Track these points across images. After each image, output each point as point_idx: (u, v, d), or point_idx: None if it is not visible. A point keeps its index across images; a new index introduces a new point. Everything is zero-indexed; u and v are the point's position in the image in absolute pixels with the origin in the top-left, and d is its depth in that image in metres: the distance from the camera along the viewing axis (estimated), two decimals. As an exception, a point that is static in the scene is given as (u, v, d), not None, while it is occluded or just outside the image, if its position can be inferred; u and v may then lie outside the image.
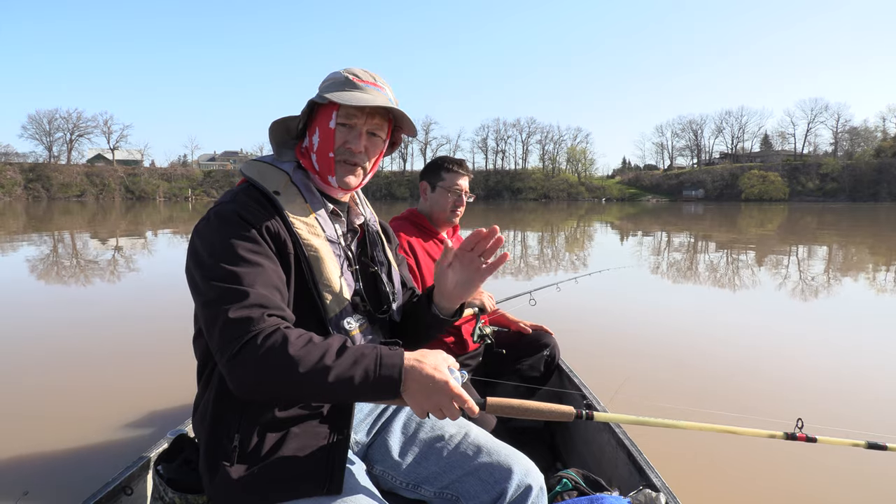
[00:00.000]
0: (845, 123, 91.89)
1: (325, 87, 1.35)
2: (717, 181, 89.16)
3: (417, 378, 1.13)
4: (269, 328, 1.10)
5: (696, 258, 13.17)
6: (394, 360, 1.13)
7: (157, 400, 3.74)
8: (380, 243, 1.52)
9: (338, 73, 1.37)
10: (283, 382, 1.08)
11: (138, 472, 1.74)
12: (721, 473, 2.95)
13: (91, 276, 9.65)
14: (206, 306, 1.14)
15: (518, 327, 2.80)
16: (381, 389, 1.12)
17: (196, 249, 1.21)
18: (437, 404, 1.14)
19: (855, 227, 25.42)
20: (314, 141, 1.35)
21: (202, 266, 1.17)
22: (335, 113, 1.32)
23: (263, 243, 1.20)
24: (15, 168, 78.99)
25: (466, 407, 1.16)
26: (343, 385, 1.09)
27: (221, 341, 1.10)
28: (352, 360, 1.10)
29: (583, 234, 21.41)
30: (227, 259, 1.15)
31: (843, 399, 3.99)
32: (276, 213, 1.26)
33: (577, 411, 1.29)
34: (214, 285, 1.13)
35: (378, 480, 1.45)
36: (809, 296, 8.17)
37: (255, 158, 1.39)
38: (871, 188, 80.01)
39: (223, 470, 1.20)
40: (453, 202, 2.61)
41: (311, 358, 1.08)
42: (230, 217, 1.21)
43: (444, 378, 1.14)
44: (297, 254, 1.26)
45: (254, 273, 1.15)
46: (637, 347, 5.22)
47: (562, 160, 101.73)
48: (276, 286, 1.19)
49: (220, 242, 1.18)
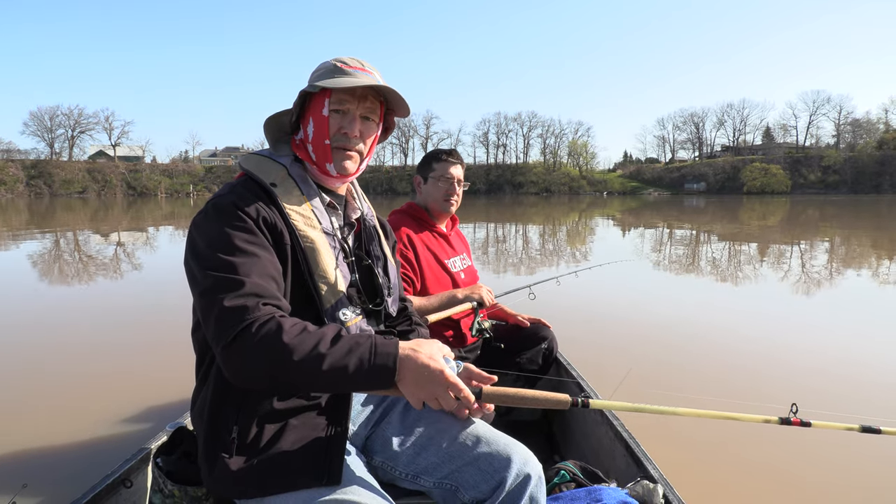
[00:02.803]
0: (848, 115, 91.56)
1: (315, 77, 1.38)
2: (718, 174, 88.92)
3: (412, 367, 1.14)
4: (264, 316, 1.11)
5: (697, 251, 13.16)
6: (388, 348, 1.14)
7: (155, 393, 3.76)
8: (376, 238, 1.53)
9: (326, 63, 1.39)
10: (278, 370, 1.09)
11: (138, 465, 1.76)
12: (718, 462, 2.96)
13: (92, 272, 9.68)
14: (202, 295, 1.15)
15: (516, 321, 2.81)
16: (375, 378, 1.13)
17: (193, 240, 1.22)
18: (432, 394, 1.16)
19: (857, 219, 25.36)
20: (309, 131, 1.37)
21: (199, 256, 1.18)
22: (327, 100, 1.34)
23: (260, 234, 1.22)
24: (17, 165, 78.92)
25: (462, 396, 1.17)
26: (337, 373, 1.10)
27: (217, 330, 1.11)
28: (346, 349, 1.11)
29: (584, 228, 21.39)
30: (224, 249, 1.16)
31: (840, 384, 4.01)
32: (273, 205, 1.28)
33: (572, 399, 1.30)
34: (210, 275, 1.14)
35: (377, 472, 1.45)
36: (812, 286, 8.17)
37: (253, 152, 1.40)
38: (874, 180, 79.68)
39: (222, 462, 1.21)
40: (445, 191, 2.62)
41: (306, 346, 1.09)
42: (227, 208, 1.22)
43: (439, 367, 1.15)
44: (294, 245, 1.27)
45: (249, 263, 1.16)
46: (635, 339, 5.23)
47: (563, 154, 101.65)
48: (272, 276, 1.20)
49: (216, 233, 1.19)
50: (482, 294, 2.57)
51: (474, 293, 2.55)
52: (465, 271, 2.75)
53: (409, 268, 2.47)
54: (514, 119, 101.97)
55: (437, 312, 2.41)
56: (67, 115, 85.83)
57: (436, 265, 2.60)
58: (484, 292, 2.59)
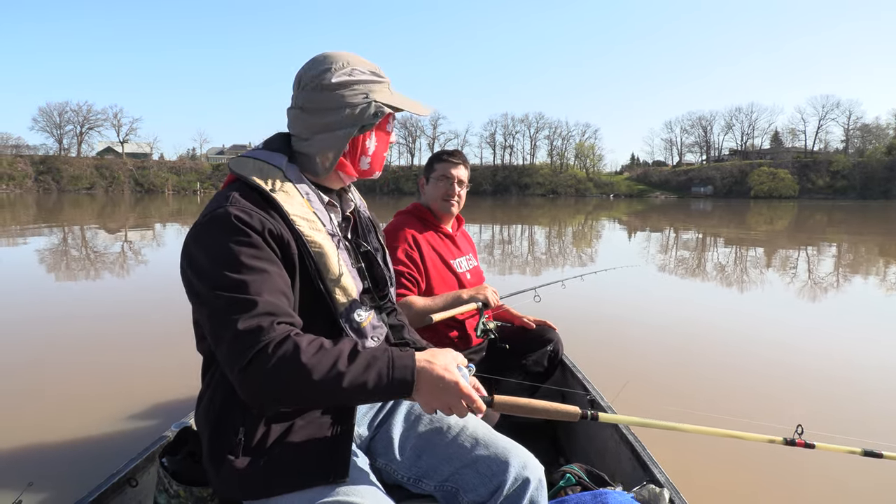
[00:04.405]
0: (857, 120, 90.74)
1: (366, 87, 1.33)
2: (726, 178, 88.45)
3: (428, 379, 1.14)
4: (279, 336, 1.07)
5: (704, 256, 13.10)
6: (406, 361, 1.13)
7: (161, 390, 3.76)
8: (373, 229, 1.52)
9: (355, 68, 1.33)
10: (297, 391, 1.07)
11: (143, 465, 1.76)
12: (724, 468, 2.94)
13: (99, 268, 9.73)
14: (213, 317, 1.11)
15: (522, 322, 2.80)
16: (394, 392, 1.12)
17: (193, 255, 1.16)
18: (446, 403, 1.16)
19: (865, 224, 25.20)
20: (369, 145, 1.36)
21: (204, 275, 1.13)
22: (392, 119, 1.40)
23: (266, 248, 1.16)
24: (26, 160, 79.44)
25: (475, 406, 1.17)
26: (357, 390, 1.09)
27: (231, 353, 1.07)
28: (365, 364, 1.10)
29: (590, 231, 21.35)
30: (231, 267, 1.11)
31: (848, 404, 3.95)
32: (277, 213, 1.21)
33: (582, 412, 1.30)
34: (220, 295, 1.09)
35: (381, 474, 1.45)
36: (819, 295, 8.12)
37: (245, 154, 1.33)
38: (883, 186, 79.07)
39: (228, 463, 1.20)
40: (445, 191, 2.61)
41: (324, 365, 1.07)
42: (229, 222, 1.15)
43: (454, 379, 1.15)
44: (301, 252, 1.23)
45: (260, 280, 1.12)
46: (641, 346, 5.20)
47: (570, 156, 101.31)
48: (283, 291, 1.16)
49: (220, 249, 1.13)
50: (487, 295, 2.55)
51: (479, 294, 2.54)
52: (471, 272, 2.74)
53: (414, 268, 2.46)
54: (522, 120, 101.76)
55: (442, 312, 2.40)
56: (76, 111, 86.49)
57: (441, 265, 2.59)
58: (489, 293, 2.58)
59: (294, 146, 1.36)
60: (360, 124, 1.31)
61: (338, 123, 1.30)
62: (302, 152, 1.35)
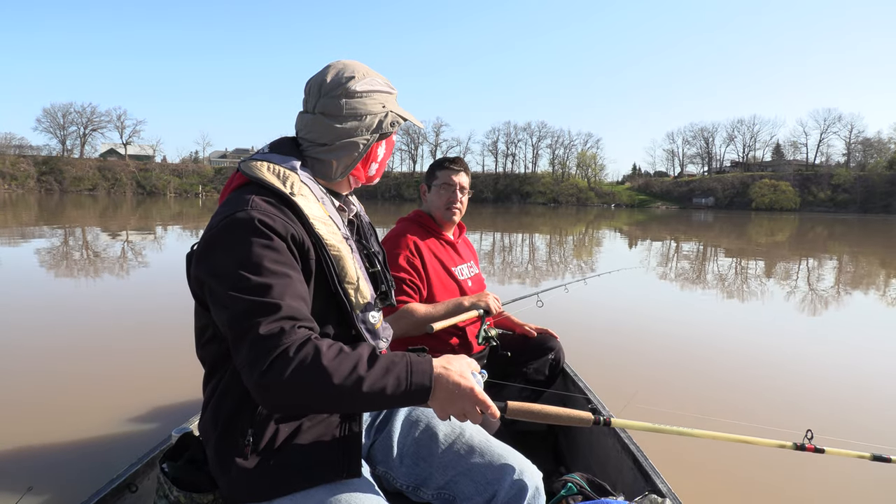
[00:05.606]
0: (858, 134, 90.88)
1: (383, 96, 1.38)
2: (727, 189, 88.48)
3: (445, 385, 1.14)
4: (299, 339, 1.07)
5: (705, 266, 13.10)
6: (424, 367, 1.14)
7: (162, 394, 3.75)
8: (373, 233, 1.53)
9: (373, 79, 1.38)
10: (317, 394, 1.06)
11: (143, 470, 1.75)
12: (726, 477, 2.93)
13: (100, 271, 9.72)
14: (234, 320, 1.09)
15: (523, 330, 2.79)
16: (412, 397, 1.12)
17: (215, 261, 1.15)
18: (461, 410, 1.16)
19: (866, 238, 25.19)
20: (379, 152, 1.43)
21: (226, 278, 1.12)
22: None
23: (288, 253, 1.16)
24: (28, 161, 79.53)
25: (489, 412, 1.17)
26: (376, 395, 1.08)
27: (251, 356, 1.06)
28: (384, 369, 1.10)
29: (591, 240, 21.35)
30: (255, 270, 1.11)
31: (855, 409, 3.95)
32: (298, 217, 1.22)
33: (595, 417, 1.31)
34: (243, 298, 1.09)
35: (381, 482, 1.45)
36: (820, 306, 8.11)
37: (255, 157, 1.31)
38: (884, 200, 79.03)
39: (237, 466, 1.20)
40: (447, 198, 2.61)
41: (344, 368, 1.06)
42: (253, 226, 1.15)
43: (469, 385, 1.15)
44: (319, 256, 1.23)
45: (282, 284, 1.12)
46: (646, 354, 5.20)
47: (572, 165, 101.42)
48: (303, 296, 1.16)
49: (244, 253, 1.12)
50: (489, 302, 2.55)
51: (481, 301, 2.53)
52: (473, 279, 2.73)
53: (415, 275, 2.46)
54: (524, 129, 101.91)
55: (443, 320, 2.39)
56: (80, 112, 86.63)
57: (443, 272, 2.59)
58: (491, 300, 2.57)
59: (306, 151, 1.36)
60: (381, 132, 1.36)
61: (360, 130, 1.34)
62: (315, 157, 1.36)
